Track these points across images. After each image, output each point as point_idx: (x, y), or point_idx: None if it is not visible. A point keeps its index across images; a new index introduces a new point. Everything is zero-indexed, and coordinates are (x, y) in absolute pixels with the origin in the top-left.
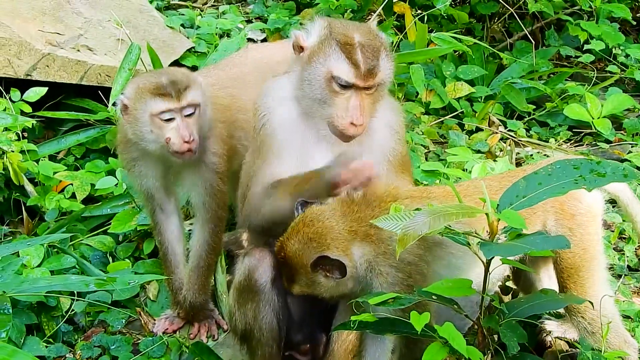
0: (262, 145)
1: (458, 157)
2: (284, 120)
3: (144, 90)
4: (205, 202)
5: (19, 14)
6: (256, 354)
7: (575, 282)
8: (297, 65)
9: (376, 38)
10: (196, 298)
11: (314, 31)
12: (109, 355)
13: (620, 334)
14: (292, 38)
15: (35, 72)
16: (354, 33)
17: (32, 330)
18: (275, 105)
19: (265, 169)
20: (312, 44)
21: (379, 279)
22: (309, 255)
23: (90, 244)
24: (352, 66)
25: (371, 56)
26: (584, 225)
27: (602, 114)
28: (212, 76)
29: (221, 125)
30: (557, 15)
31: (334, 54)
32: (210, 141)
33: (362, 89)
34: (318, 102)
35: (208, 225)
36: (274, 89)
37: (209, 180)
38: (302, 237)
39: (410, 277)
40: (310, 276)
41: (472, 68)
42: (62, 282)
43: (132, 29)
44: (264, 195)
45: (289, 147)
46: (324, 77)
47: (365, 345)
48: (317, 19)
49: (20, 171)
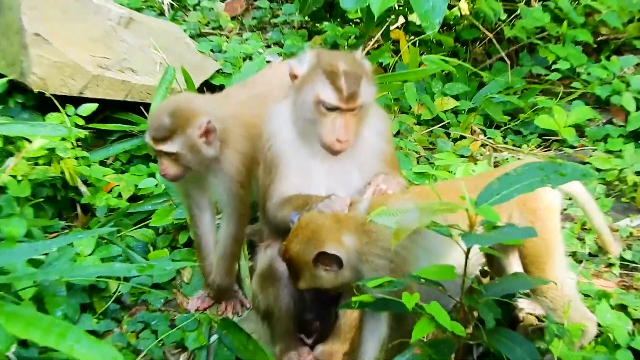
0: (271, 165)
1: (444, 161)
2: (285, 142)
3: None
4: (228, 203)
5: (73, 41)
6: (275, 329)
7: (537, 267)
8: (292, 91)
9: (359, 66)
10: (223, 281)
11: (305, 61)
12: (150, 330)
13: (579, 310)
14: (288, 67)
15: (87, 90)
16: (338, 62)
17: (85, 309)
18: (277, 129)
19: (274, 186)
20: (303, 72)
21: (366, 265)
22: (309, 254)
23: (134, 236)
24: (336, 91)
25: (353, 82)
26: (543, 219)
27: (567, 123)
28: (241, 94)
29: (243, 140)
30: (530, 39)
31: (320, 80)
32: (231, 153)
33: (346, 111)
34: (310, 123)
35: (232, 221)
36: (276, 113)
37: (229, 187)
38: (301, 238)
39: (392, 262)
40: (312, 272)
41: (457, 85)
42: (108, 269)
43: (169, 54)
44: (276, 209)
45: (291, 166)
46: (313, 101)
47: (365, 321)
48: (307, 50)
49: (75, 174)
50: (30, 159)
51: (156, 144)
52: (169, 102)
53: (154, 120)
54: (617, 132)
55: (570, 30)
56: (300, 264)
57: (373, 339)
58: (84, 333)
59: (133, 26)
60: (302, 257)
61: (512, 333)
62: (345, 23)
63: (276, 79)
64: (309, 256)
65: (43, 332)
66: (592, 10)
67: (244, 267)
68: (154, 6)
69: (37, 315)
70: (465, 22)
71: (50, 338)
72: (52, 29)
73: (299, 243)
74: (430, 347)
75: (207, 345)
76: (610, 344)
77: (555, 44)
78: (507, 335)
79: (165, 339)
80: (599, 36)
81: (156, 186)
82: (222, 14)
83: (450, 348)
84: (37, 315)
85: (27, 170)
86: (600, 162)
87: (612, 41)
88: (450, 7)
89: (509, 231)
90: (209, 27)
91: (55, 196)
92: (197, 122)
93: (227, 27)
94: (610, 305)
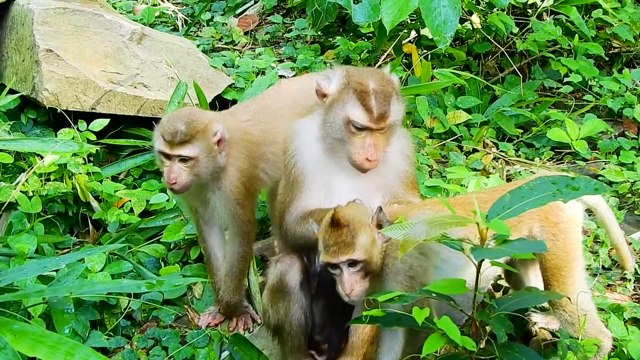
0: (294, 182)
1: (457, 175)
2: (311, 159)
3: (157, 130)
4: (229, 221)
5: (85, 57)
6: (286, 345)
7: (557, 280)
8: (320, 109)
9: (388, 84)
10: (231, 298)
11: (335, 79)
12: (161, 346)
13: (596, 325)
14: (316, 85)
15: (99, 106)
16: (368, 80)
17: (95, 326)
18: (302, 146)
19: (297, 202)
20: (333, 91)
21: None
22: (367, 215)
23: (146, 251)
24: (366, 112)
25: (383, 102)
26: (566, 231)
27: (579, 136)
28: (249, 112)
29: (244, 158)
30: (542, 52)
31: (351, 101)
32: (230, 173)
33: (375, 130)
34: (339, 141)
35: (237, 239)
36: (301, 131)
37: (228, 205)
38: (351, 207)
39: (412, 268)
40: (370, 234)
41: (469, 98)
42: (117, 285)
43: (181, 69)
44: (296, 224)
45: (316, 182)
46: (343, 120)
47: (382, 336)
48: (337, 68)
49: (86, 190)
50: (41, 174)
51: (173, 149)
52: (180, 111)
53: (169, 126)
54: (630, 144)
55: (581, 43)
56: (359, 228)
57: (389, 356)
58: (92, 351)
59: (145, 41)
60: (362, 218)
61: (524, 348)
62: (357, 37)
63: (285, 96)
64: (369, 216)
65: (50, 350)
66: (604, 23)
67: (254, 282)
68: (167, 22)
69: (45, 333)
70: (477, 35)
71: (58, 356)
72: (65, 44)
73: (351, 208)
74: None
75: None
76: (624, 357)
77: (567, 57)
78: (519, 350)
79: (175, 355)
80: (610, 49)
81: (168, 201)
82: (235, 29)
83: None
84: (45, 333)
85: (39, 186)
86: (613, 175)
87: (624, 54)
88: (462, 21)
89: (519, 245)
90: (222, 42)
91: (66, 212)
92: (214, 128)
93: (240, 42)
94: (624, 319)
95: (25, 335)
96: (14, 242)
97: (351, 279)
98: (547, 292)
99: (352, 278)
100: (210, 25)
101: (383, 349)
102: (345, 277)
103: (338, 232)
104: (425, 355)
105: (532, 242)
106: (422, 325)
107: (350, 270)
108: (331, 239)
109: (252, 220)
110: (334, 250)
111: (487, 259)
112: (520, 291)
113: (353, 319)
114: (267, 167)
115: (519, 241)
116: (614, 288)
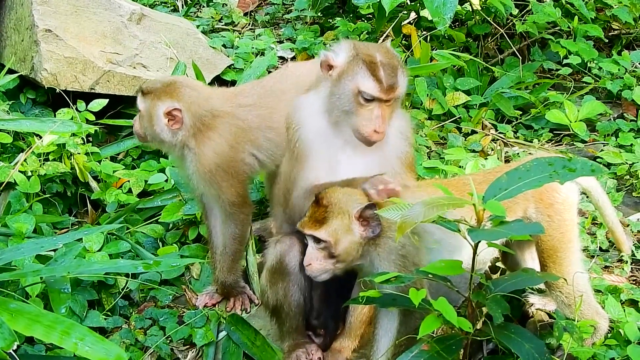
0: (298, 155)
1: (455, 156)
2: (315, 131)
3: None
4: (213, 202)
5: (84, 37)
6: (284, 325)
7: (554, 262)
8: (325, 82)
9: (394, 57)
10: (226, 278)
11: (342, 52)
12: (158, 326)
13: (592, 306)
14: (322, 57)
15: (98, 86)
16: (376, 53)
17: (93, 305)
18: (306, 119)
19: (303, 175)
20: (341, 63)
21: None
22: (354, 205)
23: (144, 232)
24: (377, 82)
25: (392, 73)
26: (561, 212)
27: (578, 118)
28: (253, 95)
29: (226, 143)
30: (541, 34)
31: (361, 72)
32: (204, 154)
33: (384, 102)
34: (346, 113)
35: (227, 220)
36: (304, 104)
37: (203, 185)
38: (347, 191)
39: (404, 247)
40: (347, 224)
41: (468, 80)
42: (115, 265)
43: (180, 49)
44: (304, 197)
45: (321, 155)
46: (352, 91)
47: (379, 317)
48: (342, 41)
49: (85, 170)
50: (40, 154)
51: (137, 97)
52: (175, 77)
53: (150, 80)
54: (628, 126)
55: (581, 25)
56: (337, 212)
57: (387, 337)
58: (89, 330)
59: (144, 22)
60: (344, 205)
61: (520, 329)
62: (357, 18)
63: (291, 79)
64: (354, 207)
65: (46, 329)
66: (604, 5)
67: (252, 262)
68: (167, 2)
69: (41, 312)
70: (476, 17)
71: (54, 335)
72: (64, 24)
73: (344, 193)
74: (438, 343)
75: (216, 342)
76: (620, 339)
77: (566, 39)
78: (516, 331)
79: (173, 335)
80: (610, 31)
81: (166, 182)
82: (235, 9)
83: (458, 344)
84: (41, 312)
85: (37, 166)
86: (611, 157)
87: (624, 36)
88: (462, 2)
89: (516, 226)
90: (221, 23)
91: (65, 192)
92: (168, 102)
93: (240, 23)
94: (621, 300)
95: (22, 315)
96: (12, 222)
97: (313, 254)
98: (544, 273)
99: (313, 253)
100: (210, 5)
101: (380, 330)
102: (309, 250)
103: (315, 208)
104: (421, 336)
105: (529, 224)
106: (418, 307)
107: (315, 246)
108: (309, 211)
109: (239, 202)
110: (305, 221)
111: (484, 240)
112: (517, 272)
113: (350, 299)
114: (258, 153)
115: (515, 222)
116: (611, 270)
